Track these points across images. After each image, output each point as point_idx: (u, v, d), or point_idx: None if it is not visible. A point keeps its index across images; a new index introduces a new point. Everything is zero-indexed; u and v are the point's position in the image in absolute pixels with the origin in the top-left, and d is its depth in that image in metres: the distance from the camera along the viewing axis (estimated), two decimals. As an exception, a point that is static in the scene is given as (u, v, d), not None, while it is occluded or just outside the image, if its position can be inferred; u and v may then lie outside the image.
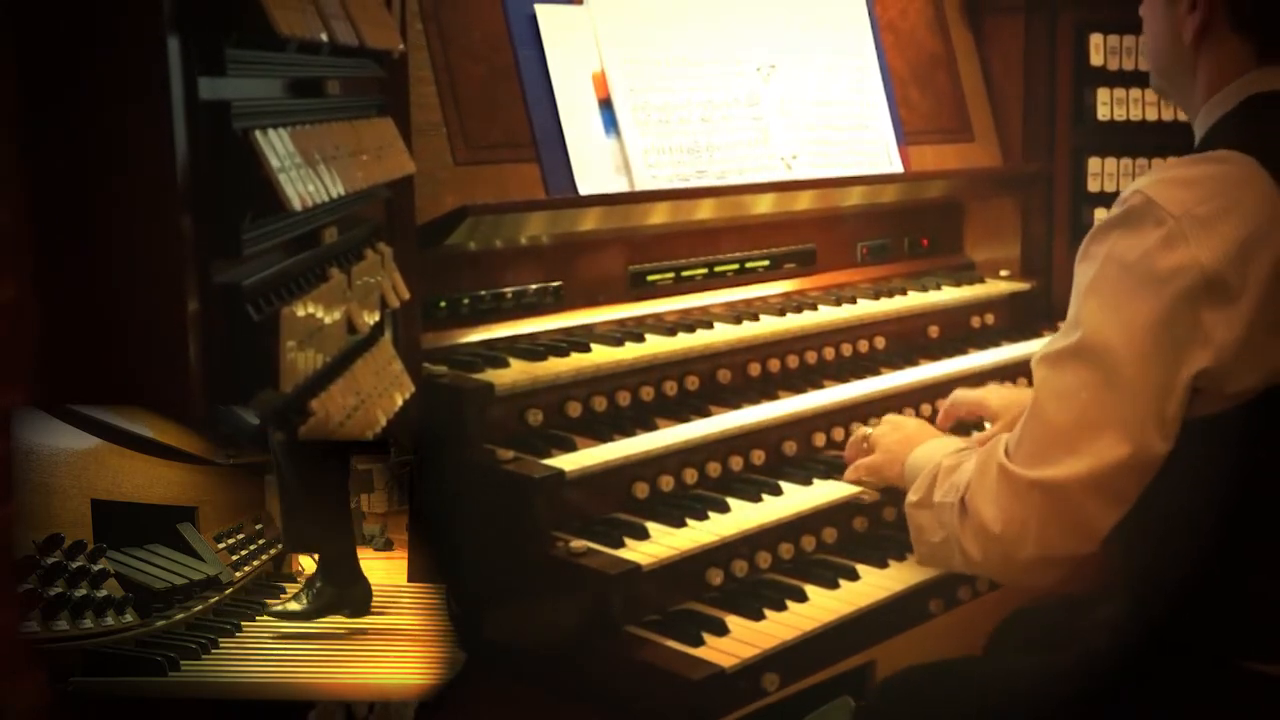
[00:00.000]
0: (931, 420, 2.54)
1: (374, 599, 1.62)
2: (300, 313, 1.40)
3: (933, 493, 1.85)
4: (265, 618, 1.60)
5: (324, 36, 1.50)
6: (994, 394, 2.40)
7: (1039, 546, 1.66)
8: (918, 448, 2.08)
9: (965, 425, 2.51)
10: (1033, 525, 1.65)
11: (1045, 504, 1.64)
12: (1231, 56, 1.69)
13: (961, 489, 1.76)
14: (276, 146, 1.37)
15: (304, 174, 1.41)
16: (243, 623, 1.58)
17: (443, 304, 2.29)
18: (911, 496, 1.91)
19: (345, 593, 1.60)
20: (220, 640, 1.52)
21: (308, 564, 1.67)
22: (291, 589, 1.65)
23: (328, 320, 1.50)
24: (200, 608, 1.56)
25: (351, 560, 1.61)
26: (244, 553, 1.68)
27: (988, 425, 2.47)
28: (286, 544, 1.65)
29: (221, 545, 1.65)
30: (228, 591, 1.62)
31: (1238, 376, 1.56)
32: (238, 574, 1.65)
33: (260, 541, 1.71)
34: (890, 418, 2.31)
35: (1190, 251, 1.53)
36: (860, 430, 2.32)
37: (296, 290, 1.45)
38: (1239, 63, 1.69)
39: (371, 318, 1.69)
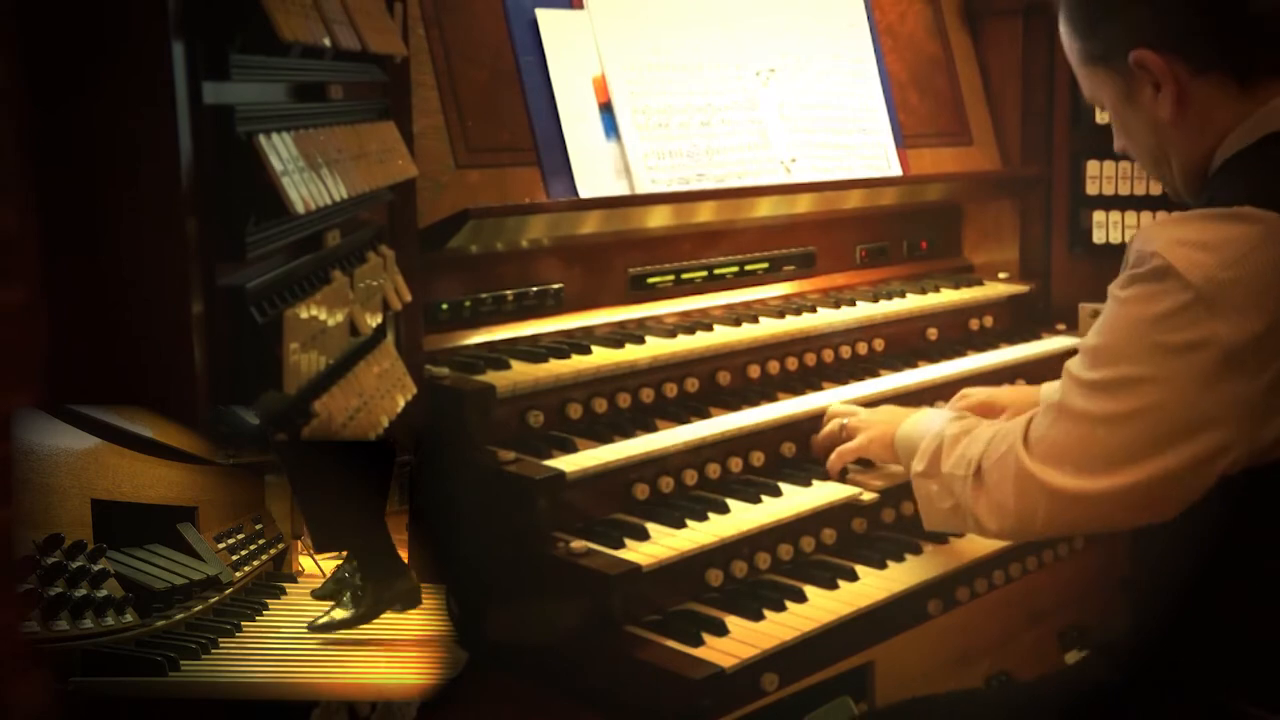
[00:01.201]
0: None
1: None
2: (303, 315, 1.41)
3: (940, 463, 1.89)
4: (283, 620, 1.60)
5: (327, 41, 1.51)
6: (1004, 391, 2.43)
7: (1052, 525, 1.75)
8: (904, 422, 2.12)
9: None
10: (1042, 513, 1.70)
11: (1057, 505, 1.68)
12: (1214, 99, 1.64)
13: (974, 462, 1.80)
14: (280, 150, 1.38)
15: (307, 177, 1.42)
16: (243, 623, 1.58)
17: (444, 306, 2.30)
18: (916, 466, 1.96)
19: (389, 588, 1.59)
20: (220, 640, 1.52)
21: (308, 564, 1.66)
22: (294, 589, 1.65)
23: (331, 322, 1.51)
24: (200, 608, 1.56)
25: (390, 555, 1.60)
26: (244, 553, 1.68)
27: None
28: (316, 547, 1.65)
29: (221, 545, 1.65)
30: (228, 591, 1.61)
31: (1258, 440, 1.54)
32: (238, 574, 1.65)
33: (260, 541, 1.71)
34: (849, 405, 2.36)
35: (1211, 326, 1.50)
36: (834, 421, 2.33)
37: (300, 293, 1.46)
38: (1226, 99, 1.64)
39: (374, 320, 1.70)
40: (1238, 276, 1.50)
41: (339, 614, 1.58)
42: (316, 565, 1.65)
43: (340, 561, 1.64)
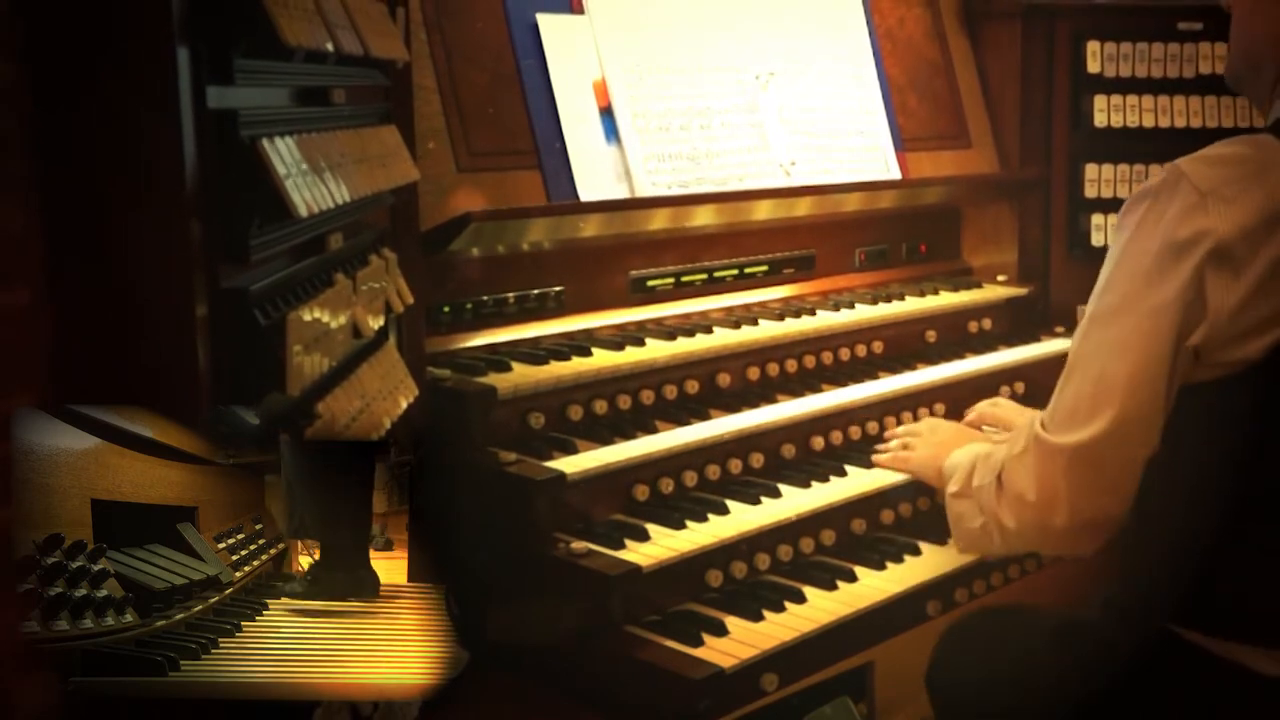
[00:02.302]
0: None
1: (374, 599, 1.63)
2: (306, 317, 1.42)
3: (971, 480, 1.93)
4: (277, 600, 1.61)
5: (330, 46, 1.51)
6: (1007, 404, 2.46)
7: (1072, 510, 1.74)
8: (955, 451, 2.13)
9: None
10: (1063, 490, 1.73)
11: (1073, 466, 1.72)
12: None
13: (998, 468, 1.85)
14: (283, 154, 1.39)
15: (310, 181, 1.43)
16: (243, 623, 1.58)
17: (446, 309, 2.31)
18: (952, 488, 1.98)
19: (354, 578, 1.60)
20: (220, 640, 1.52)
21: (308, 564, 1.68)
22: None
23: (333, 325, 1.51)
24: (200, 608, 1.56)
25: (363, 550, 1.62)
26: (244, 553, 1.68)
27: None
28: (293, 533, 1.66)
29: (221, 545, 1.66)
30: (228, 591, 1.61)
31: (1228, 349, 1.64)
32: (238, 574, 1.65)
33: (260, 541, 1.72)
34: (930, 420, 2.40)
35: (1209, 220, 1.62)
36: (902, 428, 2.40)
37: (303, 295, 1.47)
38: None
39: (376, 322, 1.71)
40: (1240, 190, 1.63)
41: (299, 588, 1.62)
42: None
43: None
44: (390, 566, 1.66)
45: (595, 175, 2.50)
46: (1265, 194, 1.63)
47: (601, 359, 2.33)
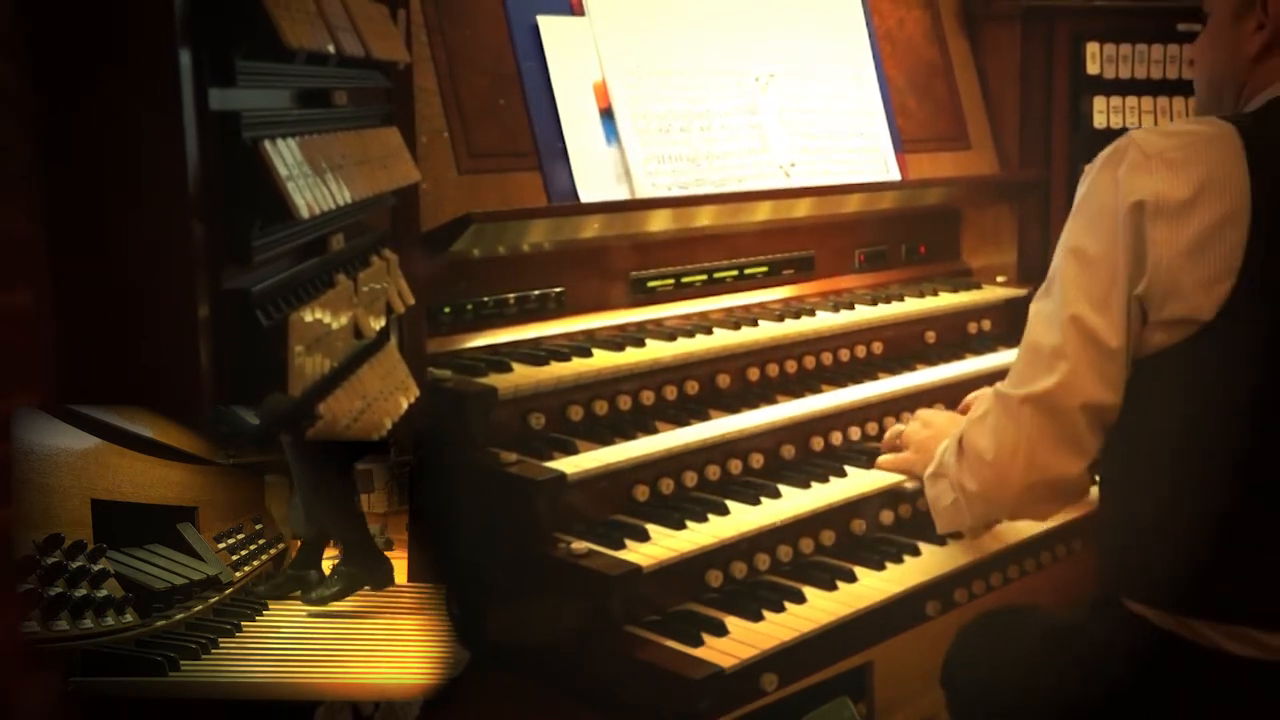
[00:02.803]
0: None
1: (373, 598, 1.62)
2: (308, 318, 1.42)
3: (944, 459, 1.98)
4: (296, 606, 1.61)
5: (331, 48, 1.52)
6: None
7: (1029, 467, 1.80)
8: (944, 441, 2.13)
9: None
10: (1023, 445, 1.79)
11: (1034, 419, 1.77)
12: (1278, 69, 1.80)
13: (959, 434, 1.90)
14: (285, 156, 1.40)
15: (312, 182, 1.43)
16: (243, 623, 1.58)
17: (447, 309, 2.32)
18: (928, 472, 2.04)
19: (368, 569, 1.61)
20: (220, 640, 1.52)
21: (329, 566, 1.67)
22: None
23: (335, 325, 1.52)
24: (200, 608, 1.55)
25: (371, 545, 1.63)
26: (244, 553, 1.68)
27: None
28: (302, 533, 1.67)
29: (221, 545, 1.65)
30: (228, 591, 1.61)
31: (1167, 305, 1.69)
32: (238, 574, 1.65)
33: (260, 541, 1.71)
34: (923, 413, 2.40)
35: (1153, 181, 1.69)
36: (895, 427, 2.41)
37: (304, 296, 1.47)
38: None
39: (377, 323, 1.71)
40: (1185, 158, 1.70)
41: (324, 591, 1.61)
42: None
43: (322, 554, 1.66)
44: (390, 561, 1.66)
45: (595, 176, 2.51)
46: (1207, 163, 1.68)
47: (602, 359, 2.33)
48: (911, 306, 2.88)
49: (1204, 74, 1.93)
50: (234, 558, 1.66)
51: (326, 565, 1.65)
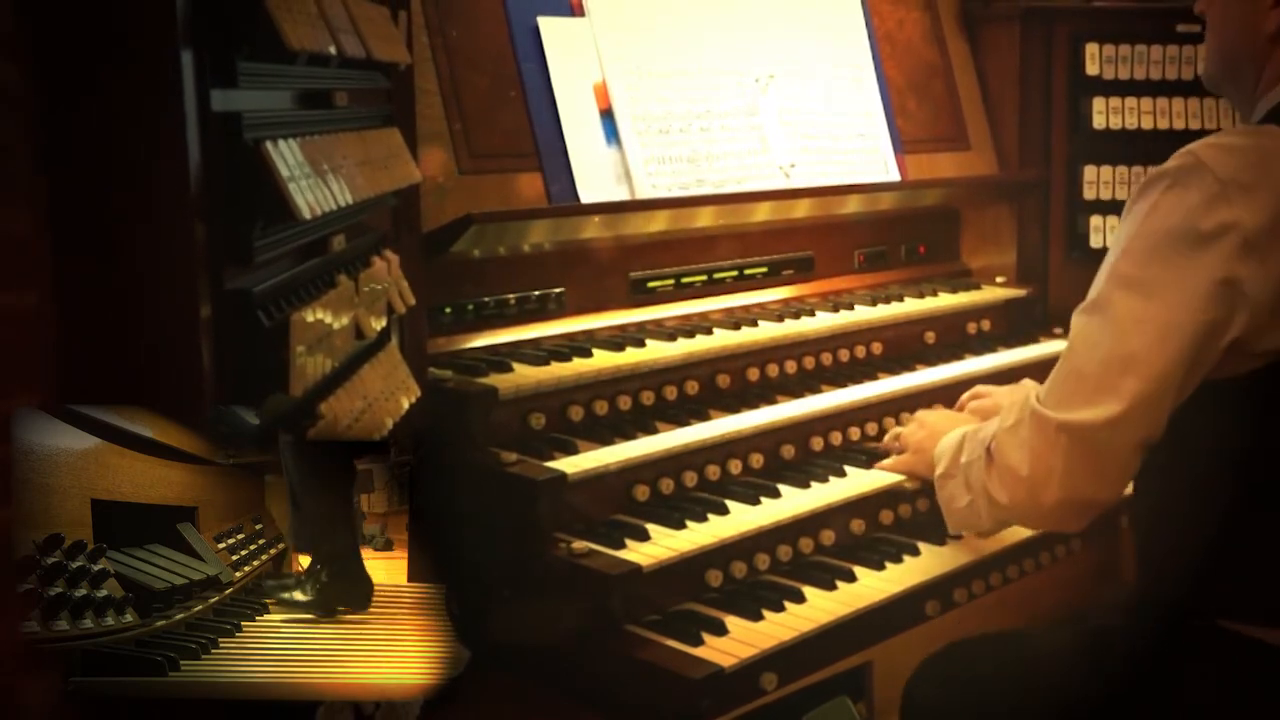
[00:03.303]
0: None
1: (374, 599, 1.63)
2: (309, 318, 1.43)
3: (959, 458, 1.93)
4: (269, 605, 1.62)
5: (333, 50, 1.52)
6: (1005, 395, 2.44)
7: (1064, 489, 1.72)
8: (943, 439, 2.12)
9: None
10: (1059, 467, 1.71)
11: (1073, 446, 1.69)
12: None
13: (988, 439, 1.84)
14: (287, 157, 1.40)
15: (313, 183, 1.44)
16: (243, 623, 1.58)
17: (448, 310, 2.32)
18: (938, 469, 1.99)
19: (350, 588, 1.62)
20: (220, 640, 1.52)
21: (308, 564, 1.67)
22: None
23: (336, 326, 1.53)
24: (200, 608, 1.56)
25: (357, 557, 1.64)
26: (244, 553, 1.69)
27: None
28: (294, 542, 1.67)
29: (221, 545, 1.66)
30: (228, 591, 1.62)
31: (1267, 336, 1.63)
32: (238, 574, 1.65)
33: (260, 541, 1.72)
34: (920, 414, 2.39)
35: (1233, 212, 1.60)
36: (895, 430, 2.40)
37: (306, 296, 1.48)
38: None
39: (378, 323, 1.72)
40: (1258, 178, 1.62)
41: (299, 595, 1.61)
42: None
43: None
44: (390, 566, 1.66)
45: (596, 177, 2.51)
46: (1278, 184, 1.62)
47: (602, 360, 2.34)
48: (911, 307, 2.88)
49: (1218, 49, 1.85)
50: (234, 558, 1.67)
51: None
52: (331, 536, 1.65)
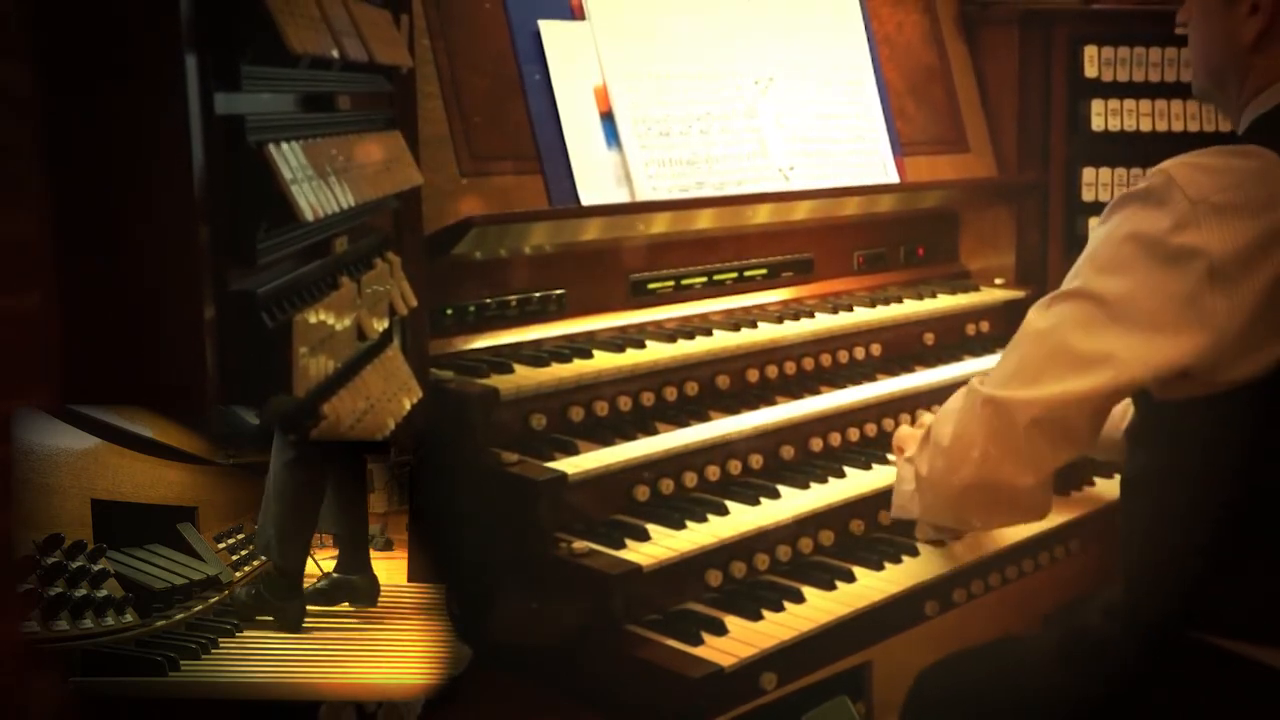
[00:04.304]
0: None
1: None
2: (312, 320, 1.43)
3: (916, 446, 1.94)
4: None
5: (335, 53, 1.53)
6: None
7: (978, 466, 1.73)
8: None
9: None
10: (978, 441, 1.72)
11: (994, 419, 1.71)
12: None
13: (929, 424, 1.86)
14: (289, 159, 1.40)
15: (316, 186, 1.44)
16: (243, 623, 1.58)
17: (449, 311, 2.33)
18: (905, 454, 2.00)
19: (358, 582, 1.62)
20: (220, 640, 1.52)
21: (308, 564, 1.67)
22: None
23: (338, 327, 1.53)
24: (200, 608, 1.56)
25: (365, 552, 1.64)
26: (244, 553, 1.68)
27: None
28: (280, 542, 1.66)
29: (221, 545, 1.65)
30: (228, 591, 1.61)
31: (1231, 366, 1.61)
32: (238, 574, 1.65)
33: None
34: (922, 417, 2.38)
35: (1201, 236, 1.58)
36: (903, 429, 2.38)
37: (309, 298, 1.48)
38: None
39: (381, 325, 1.72)
40: (1231, 200, 1.60)
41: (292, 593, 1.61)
42: (316, 565, 1.66)
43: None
44: (390, 566, 1.66)
45: (596, 179, 2.52)
46: (1254, 210, 1.59)
47: (602, 361, 2.35)
48: (910, 308, 2.89)
49: (1202, 59, 1.86)
50: (234, 558, 1.66)
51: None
52: (350, 529, 1.65)
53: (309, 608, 1.61)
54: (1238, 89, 1.79)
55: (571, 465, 2.12)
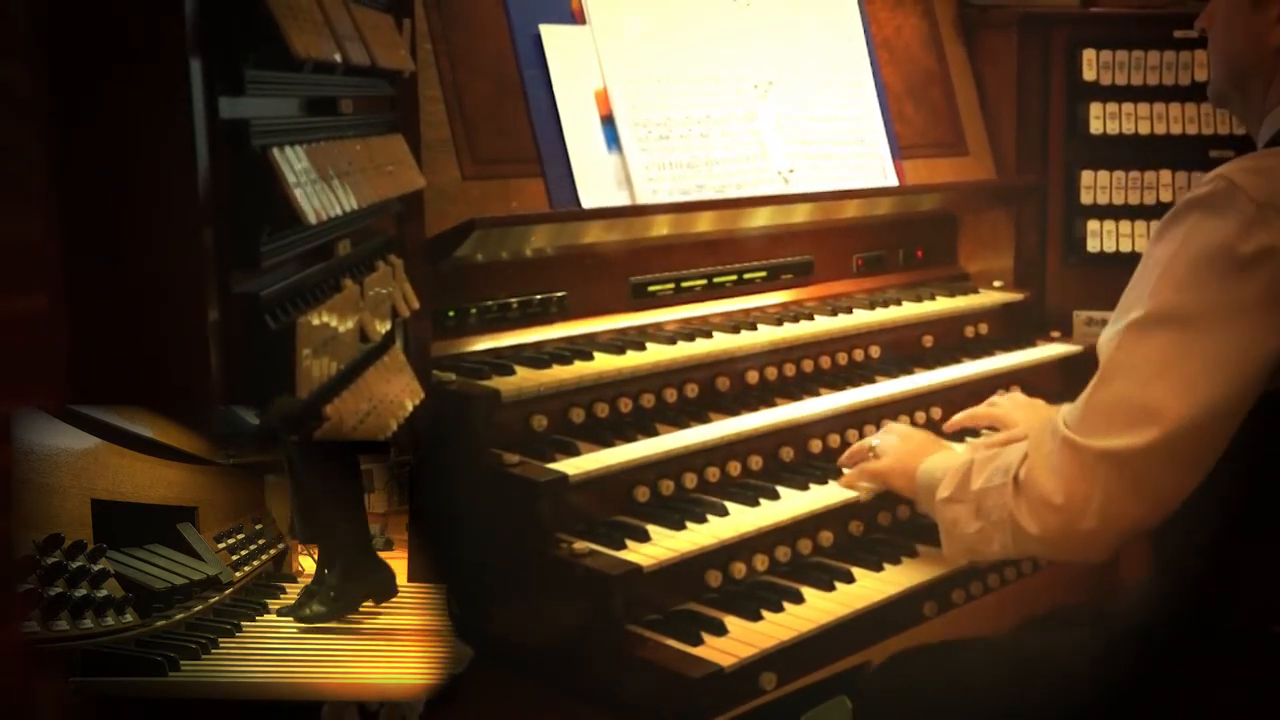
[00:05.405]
0: (931, 425, 2.60)
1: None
2: (315, 322, 1.44)
3: (969, 483, 1.85)
4: (284, 620, 1.61)
5: (338, 57, 1.53)
6: (1005, 403, 2.45)
7: (1102, 518, 1.65)
8: (929, 457, 2.12)
9: (968, 433, 2.57)
10: (1097, 496, 1.65)
11: (1113, 475, 1.63)
12: None
13: (1014, 469, 1.76)
14: (293, 163, 1.41)
15: (319, 189, 1.45)
16: (243, 623, 1.59)
17: (451, 313, 2.34)
18: (941, 493, 1.92)
19: (369, 580, 1.62)
20: (220, 640, 1.52)
21: (308, 564, 1.68)
22: (293, 589, 1.66)
23: (341, 329, 1.54)
24: (200, 608, 1.56)
25: (370, 550, 1.65)
26: (244, 553, 1.69)
27: (984, 433, 2.53)
28: (303, 538, 1.68)
29: (221, 545, 1.66)
30: (228, 591, 1.62)
31: None
32: (238, 574, 1.66)
33: (260, 541, 1.72)
34: (897, 428, 2.35)
35: (1272, 235, 1.57)
36: (865, 441, 2.36)
37: (312, 300, 1.49)
38: None
39: (383, 327, 1.73)
40: None
41: (317, 607, 1.60)
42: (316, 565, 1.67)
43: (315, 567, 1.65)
44: (390, 567, 1.68)
45: (597, 182, 2.53)
46: None
47: (603, 363, 2.35)
48: (909, 311, 2.90)
49: (1223, 62, 1.83)
50: (234, 558, 1.67)
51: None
52: (335, 533, 1.65)
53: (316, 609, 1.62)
54: (1262, 94, 1.78)
55: (572, 466, 2.13)
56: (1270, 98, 1.77)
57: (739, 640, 1.99)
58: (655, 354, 2.43)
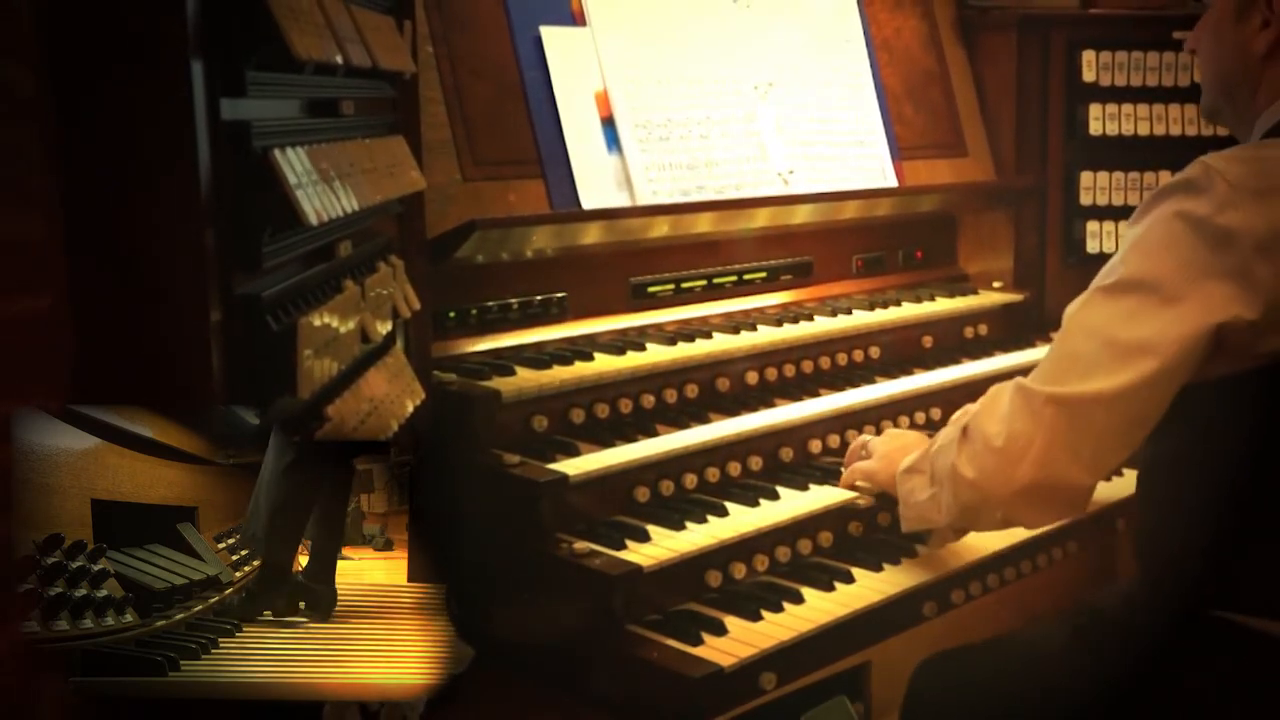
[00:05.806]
0: (931, 426, 2.60)
1: (374, 599, 1.64)
2: (317, 322, 1.44)
3: (926, 455, 1.91)
4: (283, 620, 1.61)
5: (339, 59, 1.54)
6: None
7: (1038, 466, 1.69)
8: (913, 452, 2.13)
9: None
10: (1039, 441, 1.69)
11: (1060, 421, 1.68)
12: None
13: (963, 421, 1.82)
14: (294, 164, 1.41)
15: (320, 190, 1.45)
16: (243, 622, 1.59)
17: (452, 314, 2.35)
18: (903, 466, 1.98)
19: (321, 591, 1.62)
20: (220, 640, 1.53)
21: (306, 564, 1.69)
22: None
23: (342, 330, 1.54)
24: (200, 608, 1.56)
25: (332, 566, 1.64)
26: (244, 553, 1.69)
27: None
28: (253, 531, 1.66)
29: (221, 545, 1.66)
30: (228, 591, 1.62)
31: (1272, 337, 1.64)
32: (238, 574, 1.66)
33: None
34: (892, 430, 2.38)
35: (1244, 216, 1.63)
36: (861, 438, 2.38)
37: (313, 301, 1.49)
38: None
39: (384, 327, 1.73)
40: (1271, 185, 1.65)
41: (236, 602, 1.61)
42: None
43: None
44: (390, 566, 1.68)
45: (597, 184, 2.54)
46: None
47: (603, 363, 2.36)
48: (908, 311, 2.91)
49: (1211, 71, 1.89)
50: (234, 558, 1.67)
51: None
52: (327, 539, 1.65)
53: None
54: (1249, 101, 1.83)
55: (572, 466, 2.13)
56: (1257, 102, 1.82)
57: (739, 640, 1.99)
58: (655, 354, 2.43)
